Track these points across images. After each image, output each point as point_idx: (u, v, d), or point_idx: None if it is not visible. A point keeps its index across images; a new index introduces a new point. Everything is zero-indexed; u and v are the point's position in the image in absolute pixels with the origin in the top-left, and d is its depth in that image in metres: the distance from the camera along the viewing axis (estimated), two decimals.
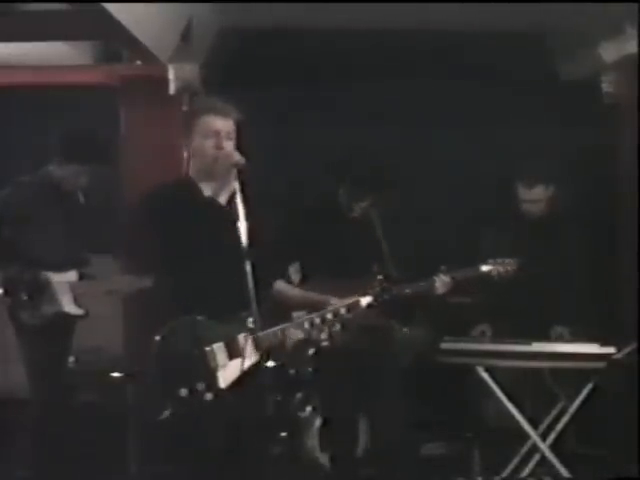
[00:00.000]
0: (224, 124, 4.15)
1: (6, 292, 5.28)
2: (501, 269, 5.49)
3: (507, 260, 5.50)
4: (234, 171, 4.00)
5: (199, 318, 4.02)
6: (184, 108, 6.37)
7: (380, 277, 5.26)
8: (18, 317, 5.31)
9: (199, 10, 6.13)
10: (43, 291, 5.29)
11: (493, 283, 5.56)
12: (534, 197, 5.81)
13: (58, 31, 5.71)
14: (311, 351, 5.45)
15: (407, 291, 5.36)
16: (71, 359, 5.70)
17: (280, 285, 4.74)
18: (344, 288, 5.15)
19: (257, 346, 3.97)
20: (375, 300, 4.45)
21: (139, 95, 6.50)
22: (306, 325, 4.17)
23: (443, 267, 5.44)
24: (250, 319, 3.92)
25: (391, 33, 6.60)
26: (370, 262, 5.26)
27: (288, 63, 6.82)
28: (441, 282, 5.42)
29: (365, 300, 4.30)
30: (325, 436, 5.69)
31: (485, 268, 5.51)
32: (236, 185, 3.96)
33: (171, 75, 6.39)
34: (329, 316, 4.22)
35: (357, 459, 5.52)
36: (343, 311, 4.23)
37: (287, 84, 6.86)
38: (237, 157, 4.04)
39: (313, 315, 4.22)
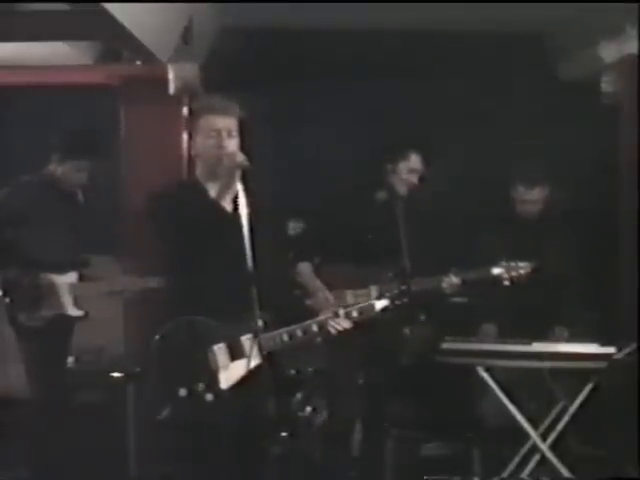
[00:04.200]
0: (224, 122, 4.13)
1: (5, 293, 5.28)
2: (513, 273, 5.25)
3: (520, 264, 5.28)
4: (238, 172, 3.98)
5: (198, 318, 3.99)
6: (185, 108, 6.39)
7: (391, 274, 5.22)
8: (17, 318, 5.30)
9: (199, 10, 6.14)
10: (43, 292, 5.29)
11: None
12: (533, 197, 5.81)
13: (58, 31, 5.70)
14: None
15: (414, 289, 5.06)
16: (71, 359, 5.71)
17: (302, 267, 4.72)
18: (358, 278, 5.14)
19: (261, 348, 3.94)
20: (392, 303, 4.25)
21: (139, 95, 6.50)
22: (314, 328, 4.09)
23: (454, 269, 5.25)
24: (256, 321, 3.88)
25: (391, 33, 6.61)
26: (386, 253, 5.19)
27: (288, 63, 6.82)
28: (449, 283, 5.25)
29: (380, 304, 4.15)
30: (325, 436, 5.71)
31: (496, 271, 5.27)
32: (239, 187, 3.95)
33: (171, 75, 6.38)
34: (339, 318, 4.10)
35: (357, 459, 5.53)
36: (355, 314, 4.13)
37: (287, 84, 6.86)
38: (241, 158, 4.00)
39: (322, 318, 4.12)
